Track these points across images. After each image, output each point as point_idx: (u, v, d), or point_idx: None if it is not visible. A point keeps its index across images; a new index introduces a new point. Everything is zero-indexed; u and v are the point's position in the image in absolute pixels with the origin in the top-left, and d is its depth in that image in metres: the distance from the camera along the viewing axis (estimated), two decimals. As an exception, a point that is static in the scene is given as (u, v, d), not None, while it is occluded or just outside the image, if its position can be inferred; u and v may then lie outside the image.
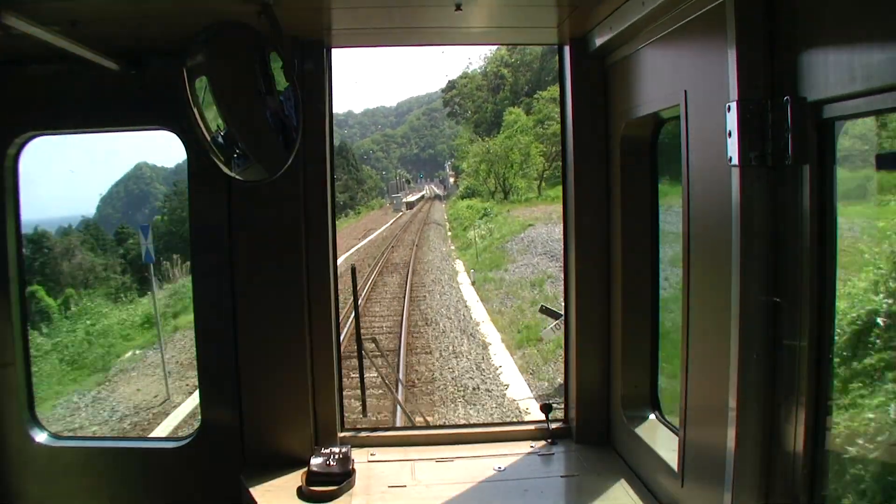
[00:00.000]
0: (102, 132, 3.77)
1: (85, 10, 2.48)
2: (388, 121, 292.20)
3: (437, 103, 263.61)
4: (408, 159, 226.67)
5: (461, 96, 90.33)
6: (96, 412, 14.01)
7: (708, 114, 2.12)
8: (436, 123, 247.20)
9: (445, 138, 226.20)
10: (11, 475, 3.20)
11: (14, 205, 3.17)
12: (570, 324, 3.32)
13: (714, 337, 2.12)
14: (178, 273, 27.96)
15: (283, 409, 3.14)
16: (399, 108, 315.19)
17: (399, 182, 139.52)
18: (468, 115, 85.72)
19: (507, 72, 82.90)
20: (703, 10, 2.11)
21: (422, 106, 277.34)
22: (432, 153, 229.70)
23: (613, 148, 3.05)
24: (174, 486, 3.24)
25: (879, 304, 2.76)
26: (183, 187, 28.75)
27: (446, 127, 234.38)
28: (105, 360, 19.01)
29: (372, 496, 2.87)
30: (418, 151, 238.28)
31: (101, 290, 29.32)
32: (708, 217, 2.21)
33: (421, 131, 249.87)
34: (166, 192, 26.40)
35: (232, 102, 2.52)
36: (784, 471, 1.90)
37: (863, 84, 1.56)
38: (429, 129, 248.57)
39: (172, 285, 26.91)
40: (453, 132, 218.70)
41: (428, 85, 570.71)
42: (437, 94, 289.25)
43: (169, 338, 18.75)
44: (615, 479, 2.90)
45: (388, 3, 2.74)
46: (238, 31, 2.45)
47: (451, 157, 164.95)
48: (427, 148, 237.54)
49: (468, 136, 72.67)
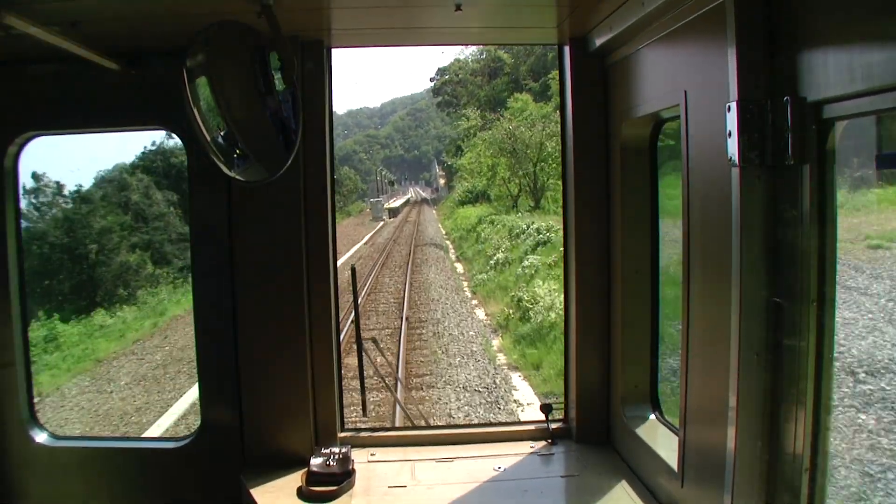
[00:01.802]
0: (102, 132, 3.77)
1: (85, 10, 2.48)
2: (372, 121, 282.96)
3: (423, 103, 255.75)
4: (392, 161, 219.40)
5: (454, 83, 76.56)
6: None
7: (708, 114, 2.12)
8: (421, 124, 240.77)
9: (431, 139, 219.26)
10: (11, 475, 3.21)
11: (14, 205, 3.17)
12: (570, 324, 3.32)
13: (714, 337, 2.12)
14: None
15: (283, 409, 3.14)
16: (383, 108, 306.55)
17: (381, 183, 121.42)
18: (462, 103, 70.58)
19: (508, 56, 69.28)
20: (703, 10, 2.11)
21: (406, 107, 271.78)
22: (417, 154, 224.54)
23: (613, 148, 3.05)
24: (174, 486, 3.24)
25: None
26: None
27: (432, 127, 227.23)
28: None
29: (372, 496, 2.87)
30: (403, 153, 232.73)
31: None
32: (708, 217, 2.21)
33: (405, 132, 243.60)
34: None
35: (232, 102, 2.52)
36: (784, 471, 1.90)
37: (863, 84, 1.56)
38: (413, 129, 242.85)
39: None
40: (439, 132, 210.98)
41: (413, 85, 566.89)
42: (421, 95, 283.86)
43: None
44: (615, 479, 2.90)
45: (388, 3, 2.75)
46: (238, 31, 2.45)
47: (438, 154, 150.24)
48: (412, 149, 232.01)
49: (476, 119, 54.41)
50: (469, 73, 73.25)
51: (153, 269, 27.92)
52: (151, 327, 20.39)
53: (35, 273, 23.67)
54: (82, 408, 13.29)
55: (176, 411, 12.34)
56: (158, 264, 28.55)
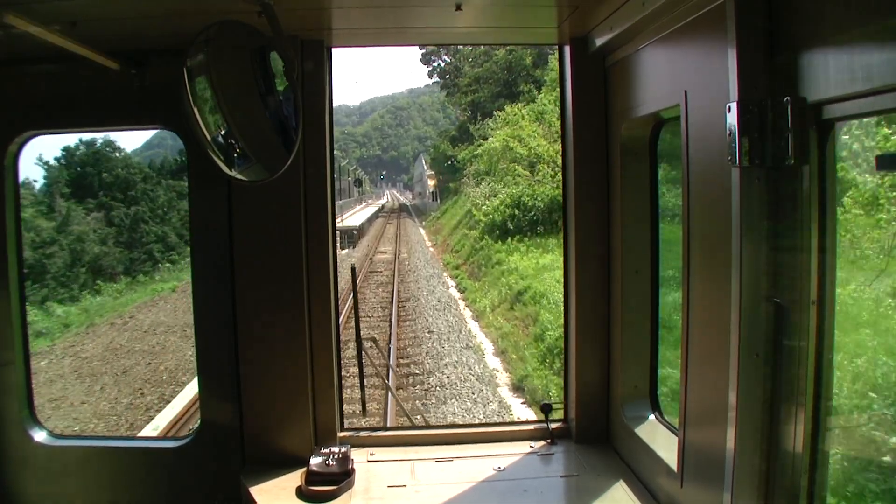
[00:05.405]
0: (102, 132, 3.78)
1: (85, 10, 2.48)
2: (351, 119, 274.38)
3: (403, 101, 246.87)
4: (368, 161, 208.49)
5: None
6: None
7: (708, 114, 2.12)
8: (401, 123, 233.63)
9: (411, 139, 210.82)
10: (11, 474, 3.20)
11: (14, 204, 3.17)
12: (570, 324, 3.32)
13: (714, 337, 2.12)
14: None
15: (282, 408, 3.14)
16: (362, 107, 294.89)
17: (347, 185, 79.42)
18: (460, 82, 54.86)
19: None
20: (703, 10, 2.11)
21: (386, 105, 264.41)
22: (395, 155, 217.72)
23: (613, 148, 3.05)
24: (174, 486, 3.24)
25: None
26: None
27: (412, 127, 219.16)
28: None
29: (371, 496, 2.87)
30: (380, 153, 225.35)
31: None
32: (708, 217, 2.21)
33: (384, 130, 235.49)
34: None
35: (232, 102, 2.52)
36: (784, 471, 1.90)
37: (863, 84, 1.56)
38: (393, 128, 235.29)
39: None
40: (420, 132, 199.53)
41: (393, 85, 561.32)
42: (402, 94, 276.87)
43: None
44: (615, 479, 2.90)
45: (388, 3, 2.74)
46: (238, 31, 2.45)
47: (423, 151, 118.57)
48: (390, 149, 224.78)
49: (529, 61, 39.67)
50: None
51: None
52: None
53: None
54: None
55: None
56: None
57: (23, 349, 3.22)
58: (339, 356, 3.34)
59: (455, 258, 30.12)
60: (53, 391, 14.76)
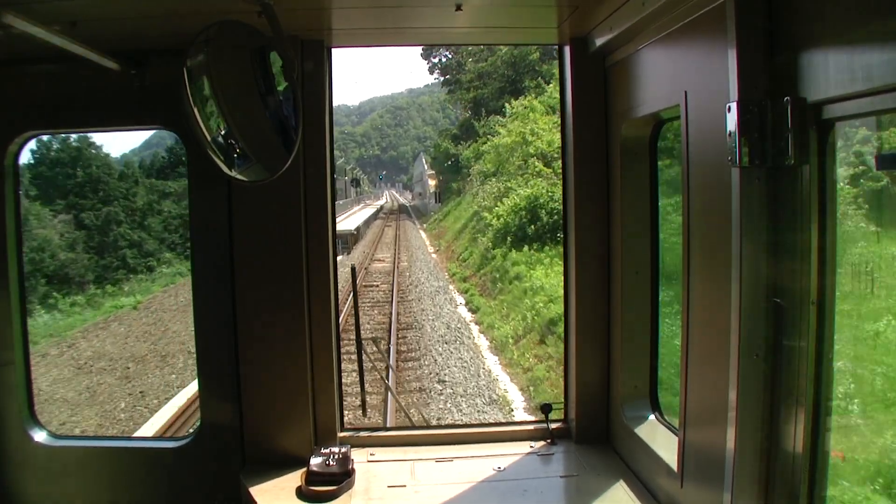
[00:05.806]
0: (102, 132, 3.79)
1: (85, 10, 2.48)
2: (350, 119, 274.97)
3: (403, 101, 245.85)
4: (367, 161, 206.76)
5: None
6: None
7: (708, 114, 2.12)
8: (401, 123, 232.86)
9: (410, 139, 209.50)
10: (10, 474, 3.20)
11: (14, 204, 3.17)
12: (570, 324, 3.32)
13: (714, 337, 2.12)
14: None
15: (282, 408, 3.14)
16: (362, 107, 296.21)
17: (344, 185, 78.40)
18: (463, 79, 51.84)
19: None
20: (703, 10, 2.11)
21: (386, 105, 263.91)
22: (395, 155, 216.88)
23: (613, 148, 3.05)
24: (174, 486, 3.24)
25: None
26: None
27: (411, 127, 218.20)
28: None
29: (371, 496, 2.87)
30: (380, 153, 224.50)
31: None
32: (708, 217, 2.21)
33: (383, 130, 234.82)
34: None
35: (232, 102, 2.52)
36: (784, 471, 1.90)
37: (863, 84, 1.56)
38: (392, 128, 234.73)
39: None
40: (420, 132, 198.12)
41: (392, 85, 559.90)
42: (401, 94, 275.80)
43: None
44: (615, 479, 2.90)
45: (389, 3, 2.74)
46: (238, 30, 2.45)
47: (423, 150, 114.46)
48: (389, 149, 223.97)
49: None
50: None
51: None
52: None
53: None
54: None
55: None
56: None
57: (23, 349, 3.22)
58: (339, 356, 3.34)
59: (462, 268, 26.56)
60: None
